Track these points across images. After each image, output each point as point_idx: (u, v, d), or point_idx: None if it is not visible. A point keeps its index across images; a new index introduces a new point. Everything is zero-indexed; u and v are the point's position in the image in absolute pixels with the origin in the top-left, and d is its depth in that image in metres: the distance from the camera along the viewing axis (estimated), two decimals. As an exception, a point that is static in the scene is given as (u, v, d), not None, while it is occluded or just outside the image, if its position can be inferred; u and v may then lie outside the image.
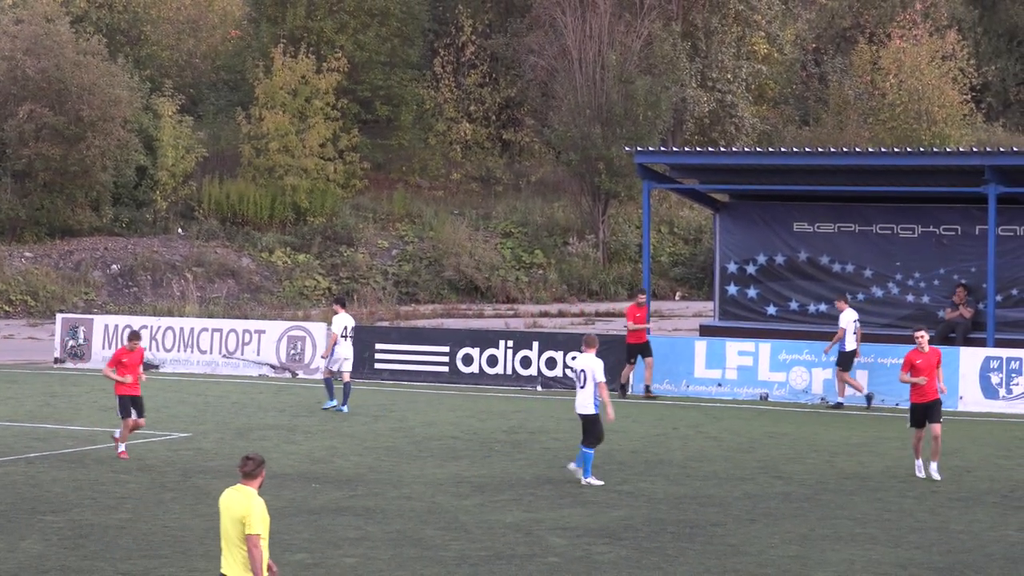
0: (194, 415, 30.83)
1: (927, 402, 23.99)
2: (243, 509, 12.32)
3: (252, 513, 12.30)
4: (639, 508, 21.01)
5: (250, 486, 12.50)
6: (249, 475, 12.51)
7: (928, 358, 24.05)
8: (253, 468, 12.52)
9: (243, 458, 12.55)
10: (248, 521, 12.28)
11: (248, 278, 56.70)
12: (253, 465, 12.52)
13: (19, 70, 56.03)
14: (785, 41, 73.39)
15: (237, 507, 12.37)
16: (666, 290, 59.16)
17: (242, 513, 12.31)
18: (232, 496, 12.48)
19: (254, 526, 12.29)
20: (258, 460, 12.55)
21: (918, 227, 37.77)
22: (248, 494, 12.42)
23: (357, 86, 64.98)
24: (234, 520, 12.35)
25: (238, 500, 12.41)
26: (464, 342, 37.67)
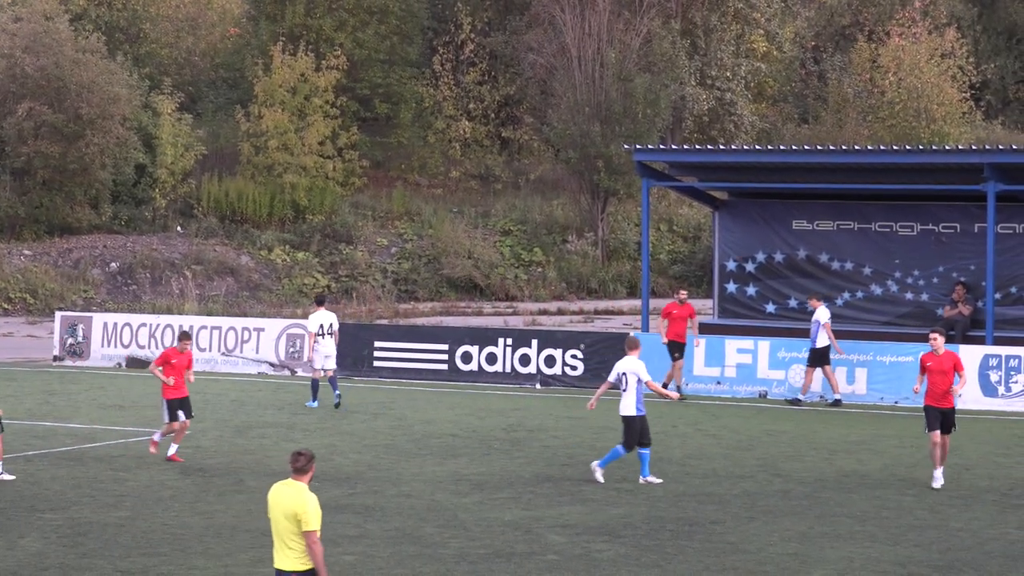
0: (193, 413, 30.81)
1: (942, 408, 22.92)
2: (297, 505, 12.37)
3: (307, 510, 12.36)
4: (638, 506, 21.02)
5: (301, 481, 12.55)
6: (300, 471, 12.56)
7: (941, 361, 23.02)
8: (304, 464, 12.55)
9: (294, 453, 12.60)
10: (304, 518, 12.35)
11: (247, 276, 56.70)
12: (304, 461, 12.56)
13: (18, 68, 56.03)
14: (784, 39, 73.39)
15: (289, 503, 12.42)
16: (665, 288, 59.14)
17: (296, 509, 12.37)
18: (283, 491, 12.54)
19: (311, 523, 12.36)
20: (309, 456, 12.58)
21: (917, 225, 37.77)
22: (300, 489, 12.47)
23: (356, 84, 64.98)
24: (287, 516, 12.41)
25: (290, 496, 12.47)
26: (463, 340, 37.66)
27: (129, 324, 40.67)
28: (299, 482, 12.55)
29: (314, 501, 12.44)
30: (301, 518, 12.35)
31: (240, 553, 17.79)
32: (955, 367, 23.01)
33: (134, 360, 39.90)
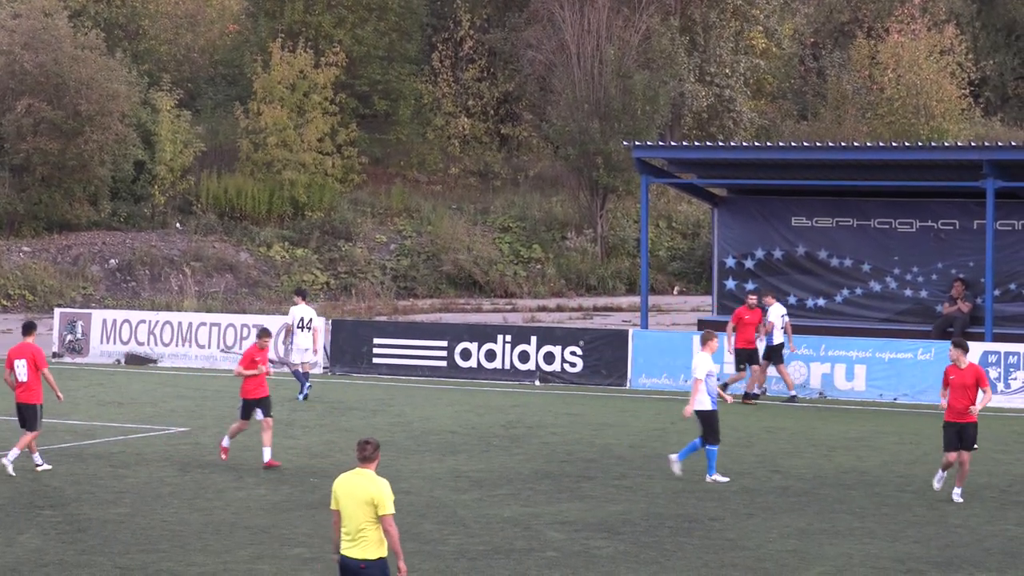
0: (192, 409, 30.84)
1: (963, 423, 21.43)
2: (371, 492, 12.80)
3: (382, 495, 12.80)
4: (637, 503, 21.03)
5: (369, 468, 12.99)
6: (367, 459, 12.99)
7: (964, 376, 21.47)
8: (371, 452, 13.00)
9: (361, 442, 13.04)
10: (380, 503, 12.77)
11: (246, 273, 56.68)
12: (371, 449, 13.01)
13: (17, 64, 55.97)
14: (783, 36, 73.34)
15: (363, 491, 12.82)
16: (664, 284, 59.14)
17: (371, 496, 12.79)
18: (354, 480, 12.92)
19: (387, 507, 12.79)
20: (375, 444, 13.04)
21: (916, 222, 37.78)
22: (370, 477, 12.90)
23: (355, 81, 64.94)
24: (362, 503, 12.79)
25: (362, 484, 12.87)
26: (462, 337, 37.67)
27: (128, 321, 40.68)
28: (368, 470, 12.96)
29: (387, 486, 12.87)
30: (377, 503, 12.75)
31: (239, 550, 17.80)
32: (978, 382, 21.58)
33: (133, 357, 39.90)
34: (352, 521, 12.81)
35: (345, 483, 12.96)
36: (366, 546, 12.77)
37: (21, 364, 23.03)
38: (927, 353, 33.49)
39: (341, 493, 12.93)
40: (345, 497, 12.89)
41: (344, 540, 12.87)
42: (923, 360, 33.38)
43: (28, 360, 23.00)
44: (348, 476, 13.00)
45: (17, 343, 23.68)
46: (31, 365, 22.98)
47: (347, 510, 12.85)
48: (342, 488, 12.94)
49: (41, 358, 23.16)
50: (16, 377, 23.08)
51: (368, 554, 12.76)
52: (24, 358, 23.03)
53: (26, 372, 22.99)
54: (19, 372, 23.04)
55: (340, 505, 12.93)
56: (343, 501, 12.90)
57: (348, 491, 12.89)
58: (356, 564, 12.77)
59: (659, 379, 35.44)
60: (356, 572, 12.78)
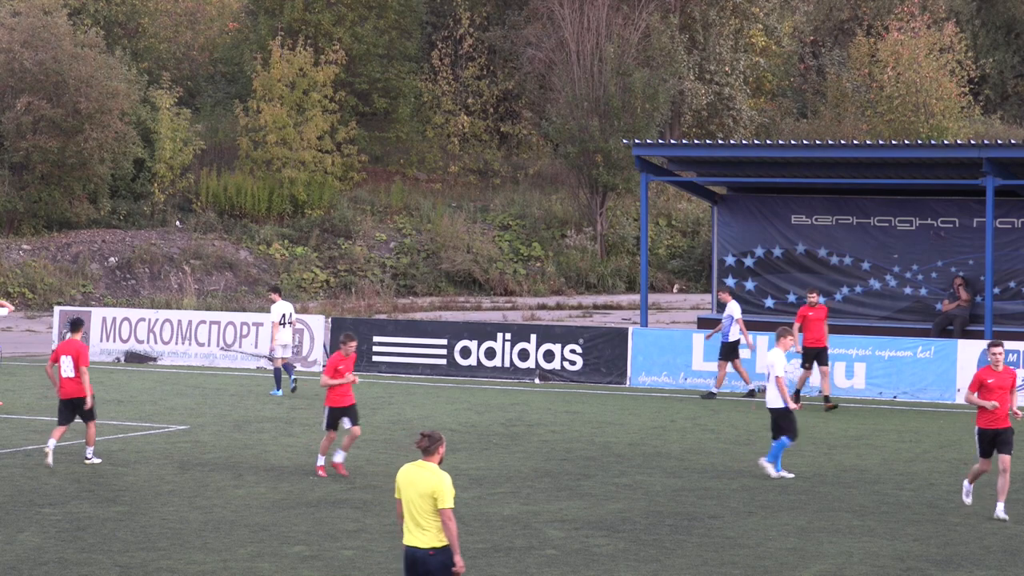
0: (192, 407, 30.84)
1: (997, 429, 20.20)
2: (431, 485, 12.94)
3: (443, 488, 12.94)
4: (637, 501, 21.02)
5: (431, 461, 13.12)
6: (427, 451, 13.12)
7: (1002, 378, 20.24)
8: (428, 444, 13.10)
9: (420, 435, 13.18)
10: (440, 496, 12.92)
11: (246, 271, 56.68)
12: (428, 442, 13.11)
13: (16, 62, 55.98)
14: (783, 34, 73.38)
15: (424, 483, 12.98)
16: (664, 282, 59.15)
17: (431, 488, 12.93)
18: (415, 472, 13.07)
19: (446, 500, 12.94)
20: (434, 437, 13.13)
21: (916, 220, 37.79)
22: (432, 469, 13.04)
23: (355, 79, 64.95)
24: (422, 495, 12.96)
25: (424, 476, 13.01)
26: (462, 335, 37.66)
27: (128, 319, 40.67)
28: (430, 462, 13.11)
29: (448, 480, 12.99)
30: (437, 496, 12.92)
31: (239, 548, 17.80)
32: (1012, 385, 20.44)
33: (133, 355, 39.90)
34: (415, 512, 13.04)
35: (407, 474, 13.17)
36: (430, 535, 13.03)
37: (68, 360, 23.65)
38: (927, 351, 33.48)
39: (403, 484, 13.15)
40: (406, 488, 13.12)
41: (406, 530, 13.12)
42: (923, 358, 33.38)
43: (73, 356, 23.64)
44: (410, 467, 13.20)
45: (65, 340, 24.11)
46: (75, 361, 23.63)
47: (407, 501, 13.10)
48: (404, 479, 13.15)
49: (84, 356, 23.73)
50: (62, 373, 23.65)
51: (433, 543, 13.02)
52: (70, 354, 23.66)
53: (72, 368, 23.64)
54: (66, 368, 23.65)
55: (402, 496, 13.16)
56: (405, 492, 13.13)
57: (409, 482, 13.11)
58: (424, 552, 13.04)
59: (659, 377, 35.43)
60: (423, 560, 13.05)
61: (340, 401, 22.80)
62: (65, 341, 24.14)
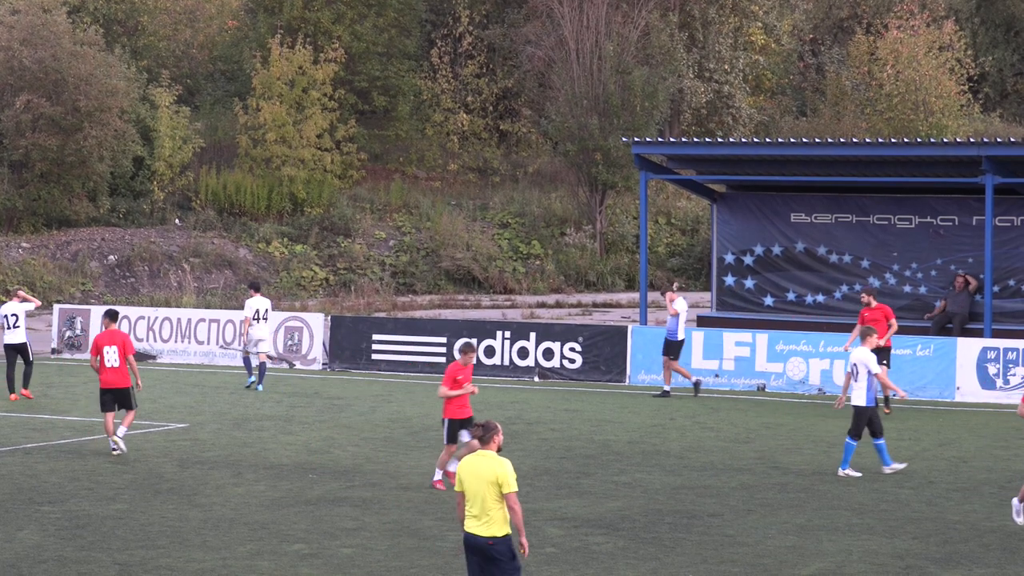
0: (191, 406, 30.84)
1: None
2: (495, 473, 13.45)
3: (506, 474, 13.47)
4: (636, 499, 21.03)
5: (489, 450, 13.65)
6: (483, 440, 13.67)
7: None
8: (483, 434, 13.67)
9: (475, 425, 13.79)
10: (504, 482, 13.43)
11: (245, 269, 56.67)
12: (482, 431, 13.69)
13: (16, 60, 55.95)
14: (782, 32, 73.35)
15: (487, 471, 13.49)
16: (663, 281, 59.15)
17: (495, 475, 13.44)
18: (477, 462, 13.56)
19: (511, 485, 13.47)
20: (488, 426, 13.69)
21: (915, 218, 37.80)
22: (493, 457, 13.56)
23: (354, 77, 64.93)
24: (488, 483, 13.45)
25: (487, 465, 13.51)
26: (461, 333, 37.67)
27: (127, 317, 40.67)
28: (489, 451, 13.63)
29: (510, 465, 13.52)
30: (501, 482, 13.42)
31: (238, 546, 17.80)
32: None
33: (132, 353, 39.88)
34: (478, 501, 13.46)
35: (469, 465, 13.60)
36: (492, 524, 13.44)
37: (112, 350, 24.50)
38: (926, 349, 33.50)
39: (466, 475, 13.56)
40: (470, 478, 13.53)
41: (470, 519, 13.52)
42: (922, 356, 33.40)
43: (119, 346, 24.52)
44: (471, 459, 13.63)
45: (104, 331, 24.90)
46: (121, 351, 24.49)
47: (473, 491, 13.50)
48: (466, 470, 13.57)
49: (130, 345, 24.79)
50: (105, 362, 24.44)
51: (495, 531, 13.44)
52: (115, 344, 24.53)
53: (117, 357, 24.47)
54: (109, 357, 24.47)
55: (465, 487, 13.57)
56: (468, 482, 13.54)
57: (473, 472, 13.54)
58: (484, 541, 13.45)
59: (658, 375, 35.43)
60: (484, 549, 13.47)
61: (459, 413, 21.82)
62: (106, 331, 24.87)
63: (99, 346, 24.62)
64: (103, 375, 24.59)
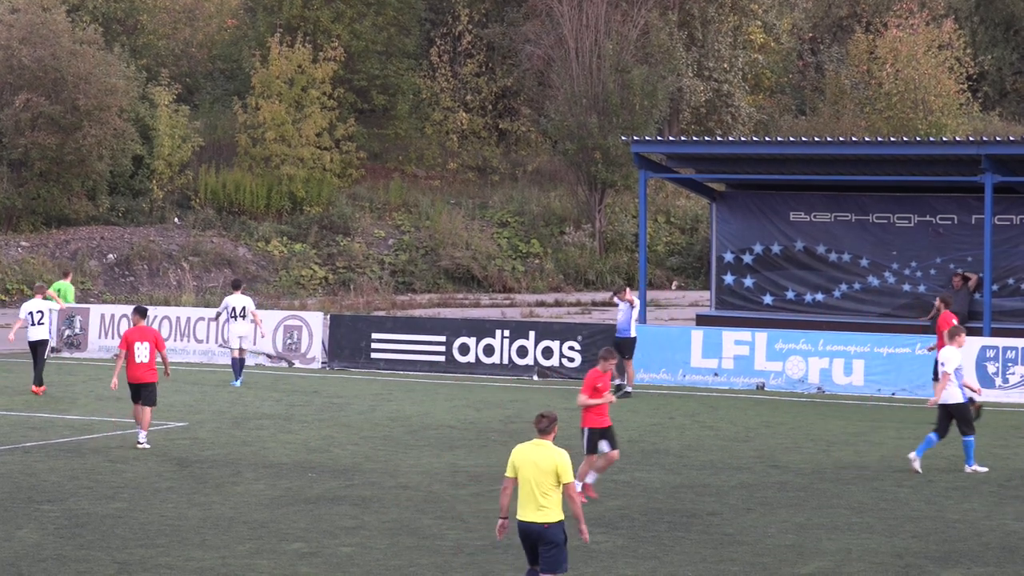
0: (190, 404, 30.83)
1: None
2: (554, 461, 13.99)
3: (564, 464, 13.99)
4: (635, 497, 21.02)
5: (547, 440, 14.19)
6: (544, 431, 14.20)
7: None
8: (547, 425, 14.19)
9: (538, 416, 14.28)
10: (561, 471, 13.97)
11: (244, 267, 56.67)
12: (546, 422, 14.21)
13: (15, 59, 55.95)
14: (782, 30, 73.37)
15: (546, 460, 14.02)
16: (662, 279, 59.16)
17: (554, 465, 13.97)
18: (534, 451, 14.10)
19: (568, 475, 14.01)
20: (551, 417, 14.23)
21: (915, 216, 37.78)
22: (550, 447, 14.10)
23: (353, 75, 64.95)
24: (545, 472, 13.97)
25: (544, 454, 14.06)
26: (460, 331, 37.65)
27: (126, 316, 40.65)
28: (547, 441, 14.16)
29: (567, 456, 14.02)
30: (560, 472, 13.96)
31: (237, 545, 17.80)
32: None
33: (131, 352, 39.86)
34: (534, 488, 13.95)
35: (525, 453, 14.10)
36: (548, 511, 13.93)
37: (144, 346, 25.19)
38: (925, 348, 33.49)
39: (520, 463, 14.06)
40: (527, 466, 14.01)
41: (524, 506, 13.98)
42: (921, 355, 33.37)
43: (151, 342, 25.26)
44: (527, 447, 14.14)
45: (135, 326, 25.70)
46: (152, 346, 25.25)
47: (527, 479, 13.99)
48: (521, 458, 14.08)
49: (161, 341, 25.66)
50: (135, 358, 25.14)
51: (550, 518, 13.93)
52: (147, 340, 25.26)
53: (147, 353, 25.17)
54: (140, 353, 25.15)
55: (518, 473, 14.03)
56: (524, 470, 14.01)
57: (530, 460, 14.03)
58: (540, 527, 13.94)
59: (657, 374, 35.42)
60: (541, 534, 13.95)
61: (599, 422, 20.98)
62: (136, 327, 25.58)
63: (130, 341, 25.25)
64: (130, 370, 25.20)
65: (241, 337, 35.10)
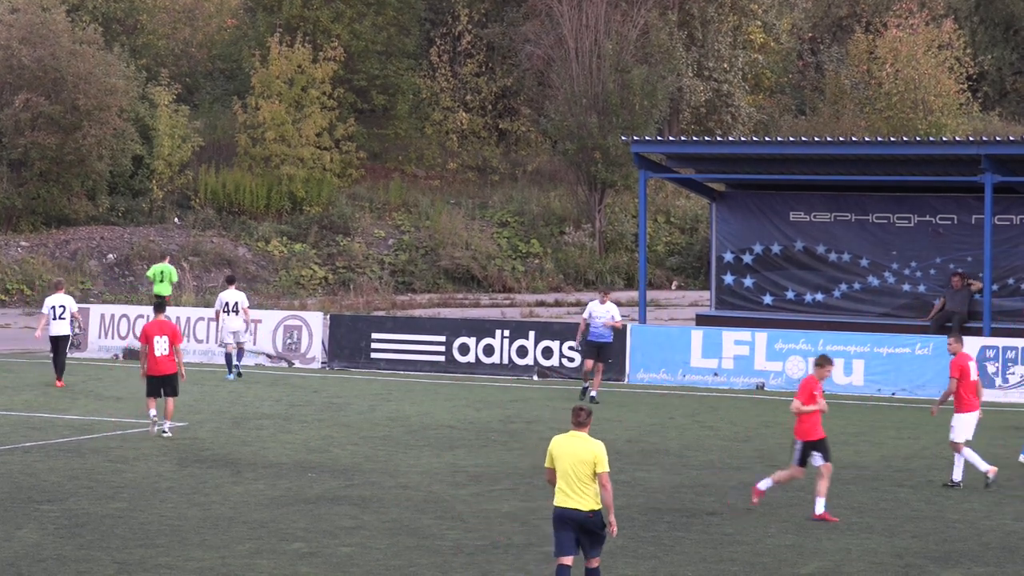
0: (190, 404, 30.81)
1: None
2: (591, 453, 14.63)
3: (602, 455, 14.66)
4: (635, 497, 21.02)
5: (584, 432, 14.77)
6: (581, 424, 14.79)
7: None
8: (585, 418, 14.78)
9: (575, 409, 14.84)
10: (599, 461, 14.63)
11: (244, 267, 56.67)
12: (584, 415, 14.80)
13: (15, 59, 55.93)
14: (781, 30, 73.34)
15: (584, 451, 14.65)
16: (662, 279, 59.15)
17: (592, 456, 14.62)
18: (572, 443, 14.71)
19: (605, 465, 14.68)
20: (588, 411, 14.83)
21: (914, 216, 37.79)
22: (587, 439, 14.72)
23: (353, 75, 64.93)
24: (583, 462, 14.61)
25: (582, 445, 14.68)
26: (460, 331, 37.65)
27: (126, 315, 40.67)
28: (583, 433, 14.76)
29: (603, 447, 14.69)
30: (597, 462, 14.61)
31: (237, 544, 17.80)
32: None
33: (131, 352, 39.85)
34: (574, 478, 14.60)
35: (564, 444, 14.75)
36: (589, 499, 14.61)
37: (163, 340, 26.24)
38: (925, 348, 33.50)
39: (559, 454, 14.71)
40: (566, 457, 14.65)
41: (564, 494, 14.64)
42: (921, 355, 33.40)
43: (169, 335, 26.33)
44: (565, 438, 14.77)
45: (153, 320, 26.93)
46: (171, 340, 26.32)
47: (565, 469, 14.64)
48: (561, 449, 14.72)
49: (179, 335, 26.88)
50: (155, 351, 26.16)
51: (592, 506, 14.62)
52: (166, 334, 26.31)
53: (167, 346, 26.23)
54: (160, 346, 26.18)
55: (557, 465, 14.70)
56: (563, 460, 14.66)
57: (569, 451, 14.67)
58: (585, 515, 14.62)
59: (656, 374, 35.44)
60: (584, 521, 14.64)
61: (812, 434, 20.13)
62: (155, 321, 26.70)
63: (149, 335, 26.24)
64: (152, 363, 26.16)
65: (234, 332, 35.97)
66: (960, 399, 22.22)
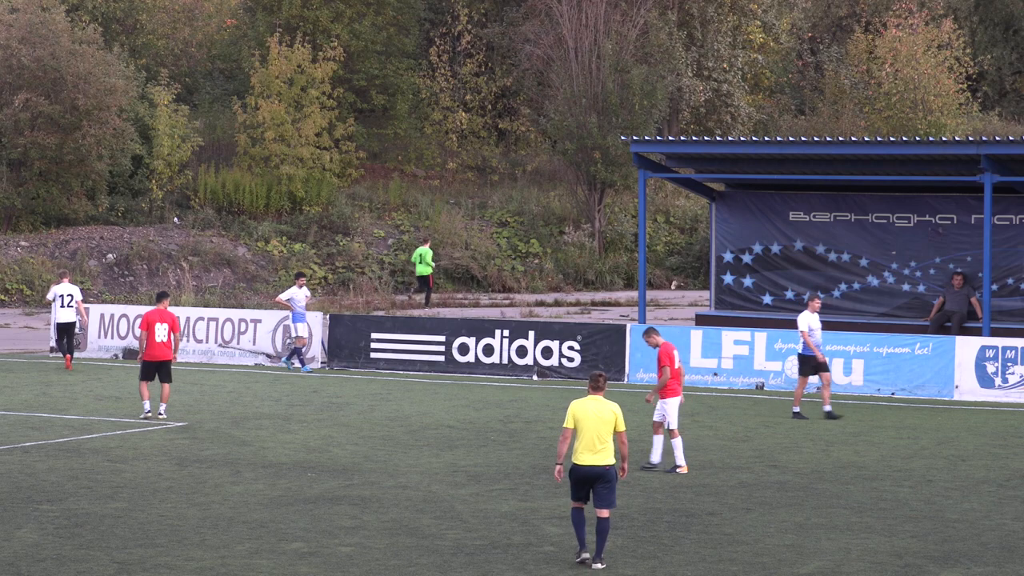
0: (190, 404, 30.81)
1: None
2: (612, 413, 16.66)
3: (620, 415, 16.71)
4: (635, 497, 21.02)
5: (600, 395, 16.72)
6: (599, 388, 16.72)
7: None
8: (603, 382, 16.70)
9: (594, 375, 16.75)
10: (618, 420, 16.67)
11: (244, 267, 56.66)
12: (603, 380, 16.73)
13: (15, 59, 55.93)
14: (781, 30, 73.36)
15: (605, 411, 16.63)
16: (662, 279, 59.15)
17: (612, 416, 16.64)
18: (593, 404, 16.65)
19: (622, 424, 16.74)
20: (606, 377, 16.77)
21: (914, 216, 37.79)
22: (606, 402, 16.69)
23: (353, 75, 64.94)
24: (605, 422, 16.58)
25: (603, 406, 16.66)
26: (460, 331, 37.65)
27: (126, 315, 40.66)
28: (600, 396, 16.71)
29: (619, 408, 16.68)
30: (616, 421, 16.63)
31: (236, 544, 17.80)
32: None
33: (131, 352, 39.86)
34: (595, 436, 16.49)
35: (585, 407, 16.64)
36: (608, 455, 16.55)
37: (163, 327, 27.85)
38: (924, 347, 33.50)
39: (581, 415, 16.57)
40: (588, 418, 16.54)
41: (586, 452, 16.48)
42: (921, 355, 33.41)
43: (169, 323, 27.95)
44: (584, 401, 16.66)
45: (153, 308, 28.41)
46: (171, 328, 27.94)
47: (590, 427, 16.49)
48: (582, 411, 16.60)
49: (177, 324, 28.41)
50: (155, 337, 27.75)
51: (609, 460, 16.58)
52: (166, 322, 27.92)
53: (166, 333, 27.88)
54: (160, 333, 27.81)
55: (579, 425, 16.51)
56: (585, 421, 16.51)
57: (591, 412, 16.58)
58: (603, 468, 16.52)
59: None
60: (602, 474, 16.50)
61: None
62: (156, 309, 28.13)
63: (151, 322, 27.80)
64: (151, 348, 27.76)
65: None
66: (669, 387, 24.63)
